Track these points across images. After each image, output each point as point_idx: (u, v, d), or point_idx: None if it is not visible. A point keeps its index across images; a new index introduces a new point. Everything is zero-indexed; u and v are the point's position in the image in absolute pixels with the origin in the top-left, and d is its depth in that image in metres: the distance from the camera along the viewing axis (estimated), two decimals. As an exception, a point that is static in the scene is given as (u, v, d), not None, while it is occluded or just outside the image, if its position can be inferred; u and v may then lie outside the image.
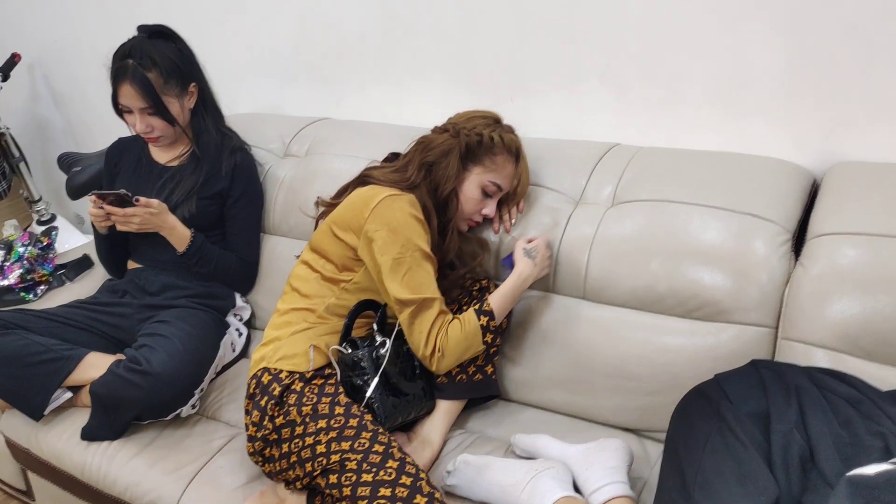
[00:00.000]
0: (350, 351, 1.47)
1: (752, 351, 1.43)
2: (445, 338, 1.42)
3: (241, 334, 1.93)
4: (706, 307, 1.46)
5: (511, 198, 1.64)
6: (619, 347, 1.52)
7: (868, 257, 1.34)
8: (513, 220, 1.65)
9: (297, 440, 1.36)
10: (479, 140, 1.56)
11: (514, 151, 1.60)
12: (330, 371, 1.49)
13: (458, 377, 1.56)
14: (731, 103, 1.68)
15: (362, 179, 1.61)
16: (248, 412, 1.47)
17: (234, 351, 1.88)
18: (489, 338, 1.47)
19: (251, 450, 1.44)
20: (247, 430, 1.45)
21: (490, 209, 1.60)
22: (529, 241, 1.56)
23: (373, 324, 1.51)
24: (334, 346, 1.49)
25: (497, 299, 1.48)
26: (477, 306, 1.46)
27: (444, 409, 1.55)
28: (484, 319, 1.45)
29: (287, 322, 1.53)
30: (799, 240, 1.49)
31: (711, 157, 1.64)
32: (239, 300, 1.97)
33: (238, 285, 1.98)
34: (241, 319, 1.96)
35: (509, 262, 1.56)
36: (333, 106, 2.29)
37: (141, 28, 1.78)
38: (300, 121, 2.20)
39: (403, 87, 2.13)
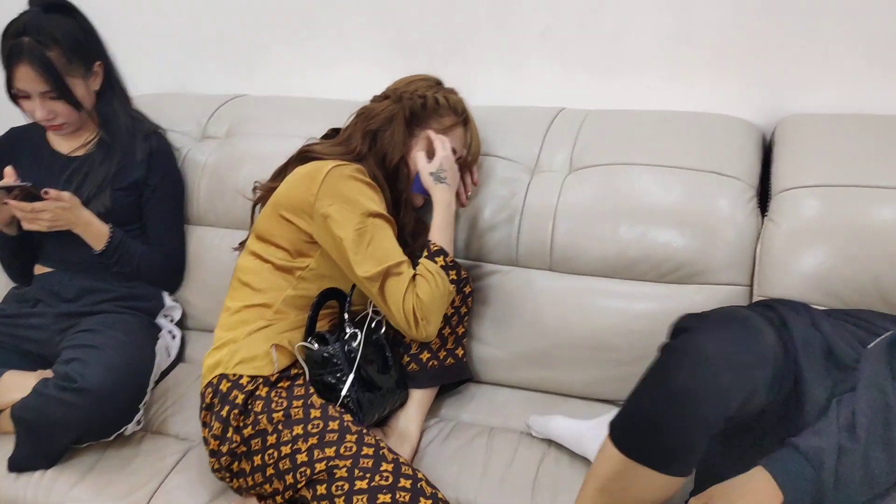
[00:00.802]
0: (318, 347, 1.35)
1: (729, 310, 1.42)
2: (419, 301, 1.29)
3: (174, 337, 1.76)
4: (680, 269, 1.44)
5: (463, 165, 1.55)
6: (593, 317, 1.48)
7: (834, 208, 1.35)
8: (468, 193, 1.57)
9: (271, 451, 1.24)
10: (422, 102, 1.47)
11: (461, 112, 1.52)
12: (297, 371, 1.37)
13: (430, 363, 1.47)
14: (677, 61, 1.66)
15: (303, 156, 1.48)
16: (206, 425, 1.33)
17: (169, 356, 1.71)
18: (453, 275, 1.37)
19: (216, 465, 1.30)
20: (207, 444, 1.32)
21: None
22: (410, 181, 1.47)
23: (340, 314, 1.40)
24: (300, 343, 1.36)
25: (437, 235, 1.39)
26: (426, 253, 1.36)
27: (419, 399, 1.46)
28: (440, 260, 1.35)
29: (241, 321, 1.39)
30: (760, 196, 1.49)
31: (663, 116, 1.62)
32: (167, 300, 1.79)
33: (165, 283, 1.80)
34: (172, 321, 1.79)
35: (418, 187, 1.46)
36: (247, 81, 2.11)
37: (34, 1, 1.55)
38: (214, 99, 2.01)
39: (326, 57, 1.98)
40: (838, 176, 1.38)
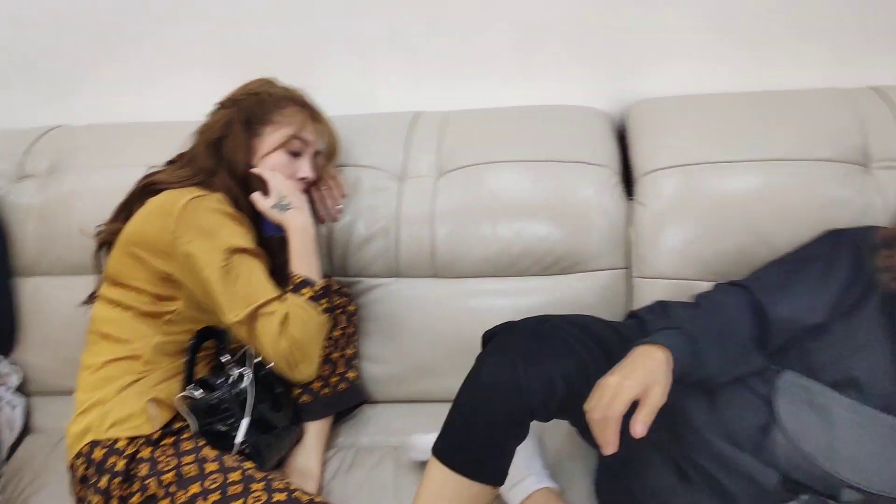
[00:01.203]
0: (202, 394, 1.22)
1: (612, 294, 1.46)
2: (294, 341, 1.18)
3: (14, 407, 1.54)
4: (561, 261, 1.46)
5: (325, 165, 1.45)
6: (483, 318, 1.43)
7: (692, 185, 1.43)
8: (339, 206, 1.49)
9: None
10: (256, 98, 1.35)
11: (300, 100, 1.40)
12: (181, 424, 1.23)
13: (323, 391, 1.39)
14: (526, 58, 1.68)
15: (147, 188, 1.33)
16: (81, 500, 1.17)
17: (12, 430, 1.49)
18: (325, 303, 1.26)
19: None
20: None
21: (305, 170, 1.37)
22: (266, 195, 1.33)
23: (220, 356, 1.28)
24: (181, 394, 1.23)
25: (298, 265, 1.27)
26: (290, 287, 1.25)
27: (316, 432, 1.38)
28: (306, 291, 1.23)
29: (107, 378, 1.23)
30: (624, 180, 1.54)
31: (520, 112, 1.64)
32: (1, 366, 1.56)
33: (-5, 347, 1.57)
34: (10, 389, 1.56)
35: (272, 229, 1.33)
36: (63, 110, 1.89)
37: None
38: (27, 133, 1.78)
39: (155, 78, 1.82)
40: (693, 155, 1.46)
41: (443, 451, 1.06)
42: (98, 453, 1.16)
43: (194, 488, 1.12)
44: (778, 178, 1.40)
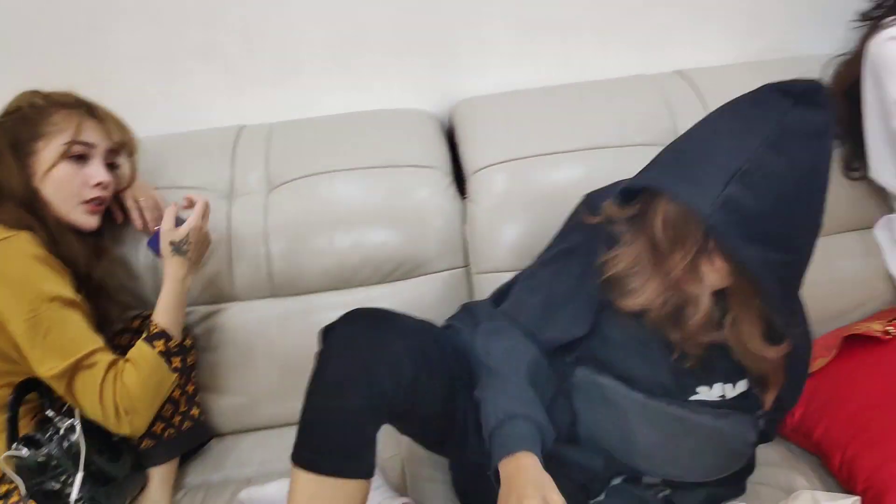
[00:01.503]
0: (29, 451, 1.11)
1: (454, 293, 1.47)
2: (124, 389, 1.12)
3: None
4: (400, 267, 1.45)
5: (123, 165, 1.33)
6: None
7: (520, 179, 1.47)
8: (157, 227, 1.31)
9: None
10: (18, 115, 1.22)
11: (70, 101, 1.26)
12: (7, 487, 1.12)
13: (166, 433, 1.30)
14: (349, 65, 1.66)
15: None
16: None
17: None
18: (177, 362, 1.22)
19: None
20: None
21: (96, 173, 1.24)
22: (176, 224, 1.27)
23: (44, 409, 1.16)
24: (5, 454, 1.11)
25: (162, 316, 1.22)
26: (144, 335, 1.20)
27: (161, 477, 1.29)
28: (160, 344, 1.19)
29: None
30: (456, 180, 1.55)
31: (346, 119, 1.61)
32: None
33: None
34: None
35: (155, 246, 1.27)
36: None
37: None
38: None
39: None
40: (518, 149, 1.49)
41: (304, 457, 0.99)
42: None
43: None
44: (600, 166, 1.45)
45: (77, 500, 1.13)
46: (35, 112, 1.21)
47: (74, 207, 1.23)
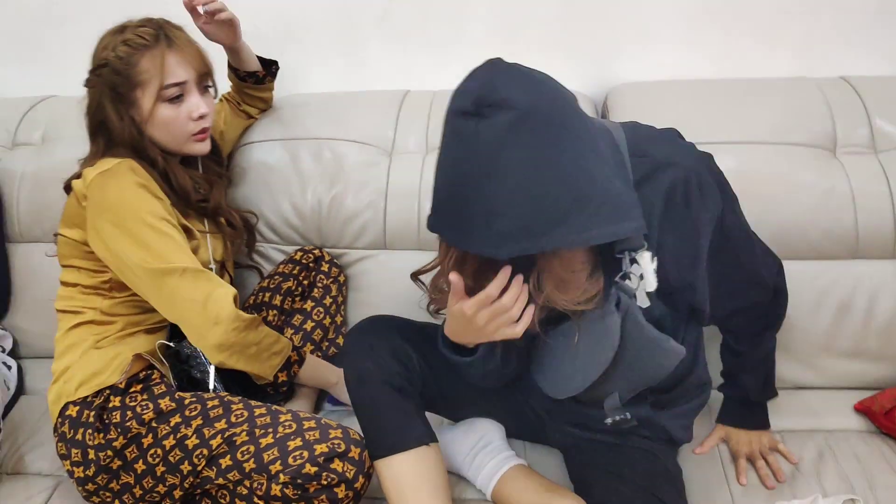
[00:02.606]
0: (177, 344, 1.30)
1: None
2: (235, 313, 1.20)
3: (10, 367, 1.58)
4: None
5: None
6: None
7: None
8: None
9: (154, 450, 1.18)
10: (108, 68, 1.24)
11: (151, 39, 1.24)
12: (147, 373, 1.28)
13: (314, 355, 1.43)
14: (511, 40, 1.73)
15: (76, 174, 1.31)
16: (64, 456, 1.23)
17: (8, 388, 1.53)
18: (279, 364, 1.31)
19: (86, 492, 1.22)
20: (71, 475, 1.22)
21: (195, 107, 1.28)
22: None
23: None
24: (160, 342, 1.29)
25: (310, 363, 1.37)
26: (297, 342, 1.38)
27: (304, 394, 1.43)
28: (293, 355, 1.32)
29: (70, 346, 1.29)
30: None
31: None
32: (-5, 328, 1.59)
33: (-15, 311, 1.59)
34: (3, 350, 1.60)
35: (332, 400, 1.46)
36: (43, 81, 1.90)
37: None
38: (19, 102, 1.80)
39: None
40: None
41: (374, 450, 1.15)
42: (72, 411, 1.22)
43: (175, 419, 1.19)
44: (752, 160, 1.46)
45: (214, 388, 1.28)
46: (122, 63, 1.23)
47: (185, 142, 1.31)
